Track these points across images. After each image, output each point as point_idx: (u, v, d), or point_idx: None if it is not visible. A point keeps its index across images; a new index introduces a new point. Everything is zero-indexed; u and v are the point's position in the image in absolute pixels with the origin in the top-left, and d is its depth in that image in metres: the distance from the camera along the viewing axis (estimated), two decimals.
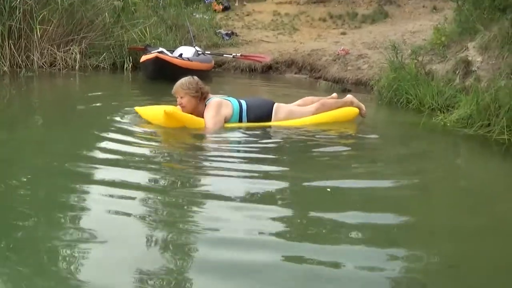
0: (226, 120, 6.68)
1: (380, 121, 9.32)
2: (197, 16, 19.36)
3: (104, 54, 13.76)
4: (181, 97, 6.60)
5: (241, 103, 6.87)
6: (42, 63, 12.76)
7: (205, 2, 21.81)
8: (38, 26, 12.57)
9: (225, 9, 21.56)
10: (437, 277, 3.04)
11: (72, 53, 13.07)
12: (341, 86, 12.87)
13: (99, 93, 9.12)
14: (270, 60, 15.63)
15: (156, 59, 11.60)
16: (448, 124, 7.63)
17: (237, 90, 12.13)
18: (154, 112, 6.60)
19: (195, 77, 6.78)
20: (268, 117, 6.98)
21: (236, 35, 18.75)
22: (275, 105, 7.09)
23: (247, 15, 21.28)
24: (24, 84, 10.57)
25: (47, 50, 12.93)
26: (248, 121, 6.83)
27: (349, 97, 7.77)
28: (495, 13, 9.13)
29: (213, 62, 14.68)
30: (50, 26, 12.92)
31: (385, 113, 9.96)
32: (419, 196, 4.55)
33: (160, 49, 12.32)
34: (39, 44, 12.77)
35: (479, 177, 5.60)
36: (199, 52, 13.59)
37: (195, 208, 3.88)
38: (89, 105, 7.56)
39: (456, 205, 4.35)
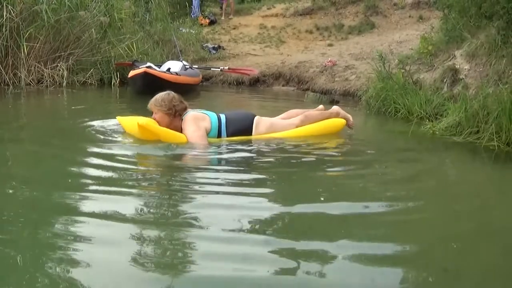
0: (206, 133, 6.38)
1: (368, 131, 9.33)
2: (183, 30, 19.39)
3: (91, 70, 13.76)
4: (155, 113, 6.30)
5: (220, 117, 6.55)
6: (30, 80, 12.73)
7: (191, 16, 21.84)
8: (25, 44, 12.54)
9: (212, 23, 21.57)
10: (433, 281, 3.04)
11: (60, 70, 13.04)
12: (329, 97, 12.89)
13: (86, 109, 9.09)
14: (257, 73, 15.65)
15: (145, 74, 11.52)
16: (437, 132, 7.64)
17: (225, 104, 12.16)
18: (133, 123, 6.28)
19: (171, 93, 6.40)
20: (248, 131, 6.68)
21: (223, 49, 18.77)
22: (256, 118, 6.79)
23: (234, 28, 21.31)
24: (11, 102, 10.53)
25: (34, 67, 12.91)
26: (228, 135, 6.52)
27: (335, 108, 7.50)
28: (482, 20, 9.17)
29: (201, 76, 14.70)
30: (37, 43, 12.91)
31: (373, 123, 9.97)
32: (410, 204, 4.53)
33: (148, 64, 12.28)
34: (26, 61, 12.74)
35: (470, 184, 5.59)
36: (186, 67, 13.60)
37: (182, 230, 3.80)
38: (76, 122, 7.46)
39: (448, 212, 4.34)
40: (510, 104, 6.89)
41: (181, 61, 14.11)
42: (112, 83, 13.89)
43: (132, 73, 12.00)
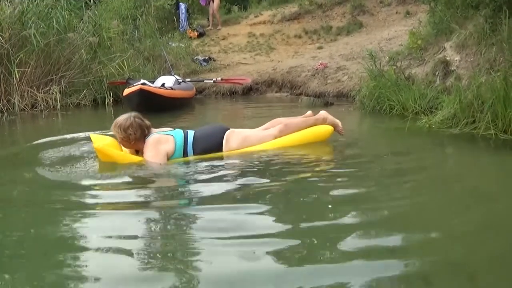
0: (168, 157, 5.90)
1: (364, 130, 9.36)
2: (173, 45, 19.37)
3: (84, 91, 13.73)
4: (117, 136, 5.94)
5: (187, 136, 6.08)
6: (24, 106, 12.72)
7: (179, 30, 21.82)
8: (16, 69, 12.55)
9: (200, 35, 21.54)
10: (439, 273, 3.04)
11: (53, 93, 13.04)
12: (323, 100, 12.89)
13: (81, 131, 9.05)
14: (250, 81, 15.65)
15: (141, 91, 11.47)
16: (433, 126, 7.66)
17: (220, 115, 12.16)
18: (102, 142, 6.00)
19: (130, 119, 5.88)
20: (218, 148, 6.16)
21: (214, 60, 18.75)
22: (227, 132, 6.24)
23: (223, 39, 21.29)
24: (6, 129, 10.51)
25: (27, 92, 12.91)
26: (195, 154, 6.02)
27: (321, 113, 6.76)
28: (469, 10, 9.21)
29: (194, 89, 14.67)
30: (28, 68, 12.91)
31: (369, 122, 9.98)
32: (413, 199, 4.54)
33: (142, 81, 12.25)
34: (19, 87, 12.74)
35: (471, 174, 5.60)
36: (179, 81, 13.58)
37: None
38: (71, 145, 7.37)
39: (452, 205, 4.34)
40: (504, 92, 6.92)
41: (173, 76, 14.10)
42: (106, 102, 13.88)
43: (127, 91, 11.95)
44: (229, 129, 6.35)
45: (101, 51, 14.74)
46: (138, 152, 6.04)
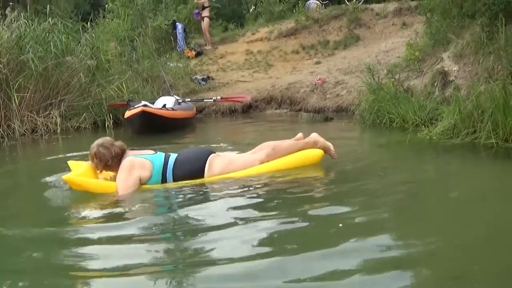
0: (143, 182, 5.64)
1: (365, 145, 9.35)
2: (171, 65, 19.36)
3: (84, 114, 13.68)
4: (98, 157, 5.70)
5: (167, 160, 5.80)
6: (24, 131, 12.70)
7: (177, 50, 21.84)
8: (15, 94, 12.55)
9: (198, 54, 21.56)
10: (443, 286, 3.03)
11: (53, 117, 13.02)
12: (323, 115, 12.89)
13: (82, 154, 9.01)
14: (250, 99, 15.65)
15: (143, 112, 11.39)
16: (434, 137, 7.66)
17: (221, 134, 12.14)
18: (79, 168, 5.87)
19: (105, 143, 5.71)
20: (200, 173, 5.84)
21: (212, 79, 18.76)
22: (210, 157, 5.93)
23: (221, 57, 21.30)
24: (7, 154, 10.50)
25: (27, 117, 12.89)
26: (175, 180, 5.74)
27: (312, 136, 6.38)
28: (465, 20, 9.23)
29: (195, 108, 14.65)
30: (27, 93, 12.90)
31: (369, 136, 9.98)
32: (415, 211, 4.54)
33: (143, 102, 12.20)
34: (19, 111, 12.73)
35: (473, 185, 5.60)
36: (179, 101, 13.56)
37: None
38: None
39: (454, 215, 4.34)
40: (503, 100, 6.93)
41: (173, 96, 14.09)
42: (106, 125, 13.85)
43: (128, 113, 11.88)
44: (213, 153, 6.06)
45: (99, 74, 14.72)
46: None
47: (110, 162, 5.66)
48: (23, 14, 14.27)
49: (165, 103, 12.75)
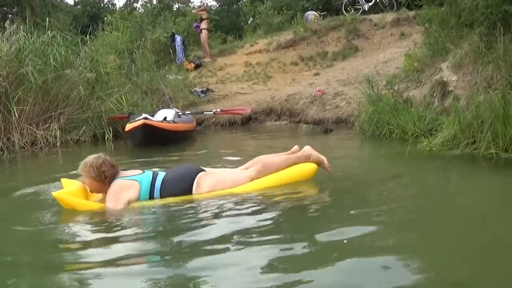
0: (131, 204, 5.49)
1: (365, 156, 9.35)
2: (170, 77, 19.39)
3: (84, 127, 13.65)
4: (84, 178, 5.66)
5: (155, 179, 5.68)
6: (24, 144, 12.66)
7: (176, 62, 21.88)
8: (15, 107, 12.54)
9: (197, 66, 21.60)
10: None
11: (52, 130, 12.98)
12: (323, 127, 12.90)
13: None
14: (250, 111, 15.65)
15: (144, 125, 11.35)
16: (434, 148, 7.65)
17: (221, 147, 12.11)
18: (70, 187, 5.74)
19: (101, 157, 5.66)
20: (188, 191, 5.67)
21: (212, 91, 18.79)
22: (198, 176, 5.76)
23: (220, 69, 21.34)
24: (7, 167, 10.48)
25: (27, 130, 12.85)
26: (162, 198, 5.61)
27: (305, 150, 6.19)
28: (463, 29, 9.25)
29: (195, 121, 14.64)
30: (27, 106, 12.87)
31: (369, 147, 9.98)
32: (416, 221, 4.53)
33: (144, 115, 12.17)
34: (18, 124, 12.71)
35: (473, 195, 5.60)
36: (179, 114, 13.55)
37: None
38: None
39: (456, 227, 4.33)
40: (503, 110, 6.92)
41: (173, 109, 14.09)
42: (106, 138, 13.83)
43: (129, 126, 11.83)
44: (201, 171, 5.88)
45: (99, 87, 14.70)
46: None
47: (116, 169, 5.65)
48: (22, 27, 14.27)
49: (165, 116, 12.73)
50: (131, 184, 5.58)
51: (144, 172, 5.81)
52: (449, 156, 7.24)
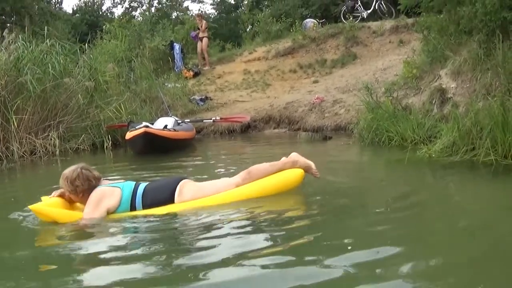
0: (111, 211, 5.39)
1: (365, 164, 9.34)
2: (169, 85, 19.39)
3: (83, 135, 13.63)
4: (65, 189, 5.53)
5: (137, 188, 5.56)
6: (23, 153, 12.63)
7: (175, 70, 21.87)
8: (14, 116, 12.53)
9: (196, 74, 21.57)
10: None
11: (51, 139, 12.96)
12: (322, 134, 12.90)
13: None
14: (249, 119, 15.65)
15: (146, 133, 11.31)
16: (433, 155, 7.65)
17: (221, 155, 12.10)
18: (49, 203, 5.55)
19: (78, 170, 5.48)
20: (170, 200, 5.52)
21: (210, 99, 18.78)
22: (181, 183, 5.63)
23: (218, 77, 21.32)
24: (6, 177, 10.46)
25: (26, 139, 12.83)
26: (144, 208, 5.45)
27: (292, 156, 6.07)
28: (462, 37, 9.27)
29: (194, 129, 14.63)
30: (26, 115, 12.87)
31: (369, 155, 9.99)
32: (416, 229, 4.53)
33: (144, 123, 12.15)
34: (17, 133, 12.69)
35: (473, 202, 5.60)
36: (178, 122, 13.55)
37: None
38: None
39: (456, 234, 4.32)
40: (502, 117, 6.92)
41: (172, 117, 14.09)
42: (105, 146, 13.82)
43: (130, 134, 11.81)
44: (184, 179, 5.77)
45: (97, 95, 14.71)
46: None
47: (93, 182, 5.48)
48: (21, 36, 14.29)
49: (166, 124, 12.71)
50: (112, 191, 5.48)
51: (126, 180, 5.79)
52: (448, 163, 7.24)
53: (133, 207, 5.44)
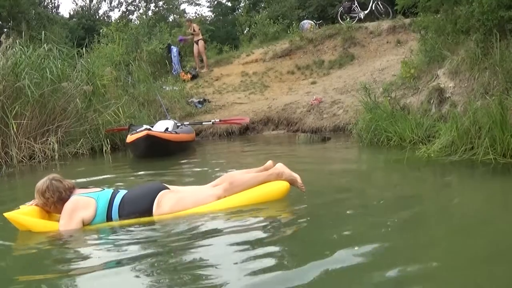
0: (86, 222, 5.18)
1: (364, 164, 9.34)
2: (167, 88, 19.38)
3: (81, 140, 13.62)
4: (37, 201, 5.34)
5: (114, 198, 5.33)
6: (22, 158, 12.61)
7: (173, 73, 21.89)
8: (13, 121, 12.52)
9: (194, 77, 21.59)
10: None
11: (50, 144, 12.94)
12: (320, 136, 12.91)
13: (83, 181, 8.89)
14: (249, 120, 15.66)
15: (148, 136, 11.29)
16: (432, 155, 7.65)
17: (222, 158, 12.07)
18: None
19: (47, 181, 5.29)
20: (148, 212, 5.27)
21: (209, 102, 18.78)
22: (160, 194, 5.37)
23: (216, 80, 21.34)
24: (6, 182, 10.45)
25: (25, 144, 12.81)
26: (121, 219, 5.22)
27: (277, 167, 5.75)
28: (459, 36, 9.27)
29: (194, 132, 14.63)
30: (24, 119, 12.85)
31: (367, 155, 9.97)
32: (415, 229, 4.51)
33: (145, 126, 12.15)
34: (16, 138, 12.68)
35: (472, 201, 5.59)
36: (178, 125, 13.53)
37: None
38: None
39: (455, 234, 4.30)
40: (500, 116, 6.92)
41: (170, 119, 14.07)
42: (104, 150, 13.83)
43: (132, 137, 11.77)
44: (165, 189, 5.49)
45: (95, 99, 14.68)
46: None
47: (64, 194, 5.24)
48: (18, 41, 14.28)
49: (167, 127, 12.68)
50: (86, 202, 5.26)
51: (103, 189, 5.51)
52: (447, 162, 7.24)
53: (109, 218, 5.24)
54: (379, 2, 22.53)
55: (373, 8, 22.70)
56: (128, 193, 5.46)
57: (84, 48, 16.14)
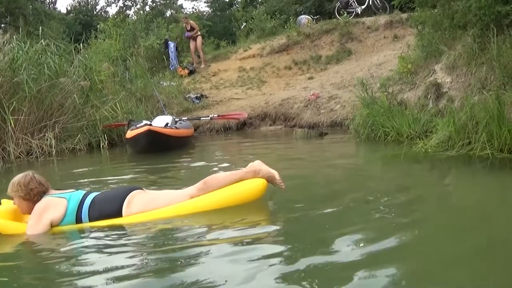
0: (55, 223, 5.06)
1: (361, 159, 9.34)
2: (164, 84, 19.38)
3: (79, 135, 13.61)
4: (14, 198, 5.26)
5: (84, 199, 5.21)
6: (19, 153, 12.62)
7: (170, 69, 21.87)
8: (10, 117, 12.51)
9: (191, 72, 21.58)
10: None
11: (47, 139, 12.94)
12: (317, 131, 12.90)
13: (80, 178, 8.86)
14: (247, 115, 15.67)
15: (149, 131, 11.28)
16: (429, 150, 7.64)
17: (220, 153, 12.06)
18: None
19: (30, 175, 5.22)
20: (118, 213, 5.15)
21: (206, 97, 18.78)
22: (130, 194, 5.26)
23: (214, 75, 21.33)
24: (3, 177, 10.45)
25: (22, 140, 12.80)
26: (91, 220, 5.10)
27: (253, 164, 5.55)
28: (456, 31, 9.28)
29: (193, 127, 14.61)
30: (21, 115, 12.84)
31: (365, 150, 9.98)
32: (412, 225, 4.49)
33: (144, 122, 12.15)
34: (14, 134, 12.67)
35: (469, 196, 5.60)
36: (176, 120, 13.52)
37: None
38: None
39: (453, 229, 4.30)
40: (497, 111, 6.93)
41: (167, 115, 14.08)
42: (101, 146, 13.83)
43: (132, 133, 11.75)
44: (137, 189, 5.40)
45: (93, 95, 14.67)
46: None
47: (45, 186, 5.23)
48: (15, 36, 14.27)
49: (167, 122, 12.69)
50: (57, 202, 5.16)
51: (76, 190, 5.41)
52: (445, 157, 7.23)
53: (78, 220, 5.13)
54: None
55: (370, 3, 22.69)
56: (100, 194, 5.39)
57: (81, 44, 16.10)
